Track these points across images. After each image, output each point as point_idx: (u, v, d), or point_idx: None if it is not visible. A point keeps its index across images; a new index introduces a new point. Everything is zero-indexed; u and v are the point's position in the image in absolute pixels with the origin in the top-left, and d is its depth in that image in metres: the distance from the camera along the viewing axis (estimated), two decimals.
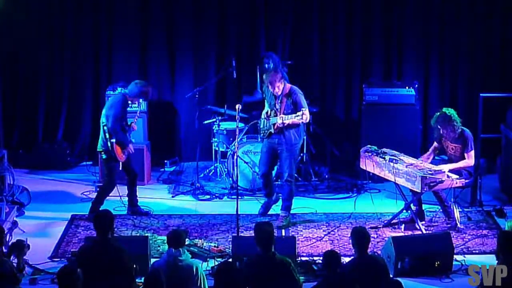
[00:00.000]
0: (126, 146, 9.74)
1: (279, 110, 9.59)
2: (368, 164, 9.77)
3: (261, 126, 9.85)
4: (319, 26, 12.18)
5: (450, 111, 9.47)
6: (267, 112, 9.77)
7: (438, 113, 9.54)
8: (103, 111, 9.80)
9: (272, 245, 7.19)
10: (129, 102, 9.84)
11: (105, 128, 9.64)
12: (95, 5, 12.16)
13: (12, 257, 7.70)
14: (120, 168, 9.81)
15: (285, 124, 9.52)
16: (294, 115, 9.45)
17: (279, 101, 9.63)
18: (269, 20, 12.19)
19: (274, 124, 9.59)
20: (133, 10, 12.16)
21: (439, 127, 9.49)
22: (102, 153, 9.74)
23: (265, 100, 9.92)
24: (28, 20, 12.08)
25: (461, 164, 9.47)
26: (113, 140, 9.58)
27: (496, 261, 7.06)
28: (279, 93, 9.58)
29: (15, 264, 7.56)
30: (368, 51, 12.20)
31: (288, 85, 9.70)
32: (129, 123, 9.92)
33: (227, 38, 12.25)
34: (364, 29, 12.14)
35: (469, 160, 9.46)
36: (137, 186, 10.11)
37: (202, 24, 12.18)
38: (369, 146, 9.90)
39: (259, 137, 10.58)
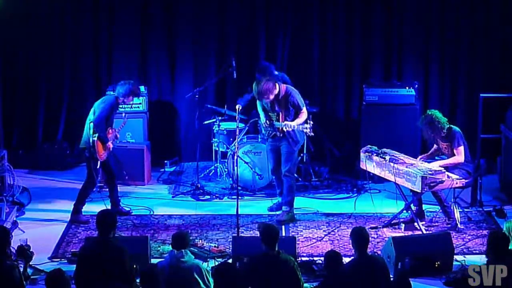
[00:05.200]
0: (106, 143, 9.68)
1: (281, 113, 9.60)
2: (368, 164, 9.77)
3: (264, 132, 9.88)
4: (319, 26, 12.17)
5: (434, 112, 9.52)
6: (269, 118, 9.75)
7: (423, 116, 9.60)
8: (92, 109, 9.78)
9: (277, 243, 7.22)
10: (121, 103, 9.83)
11: (91, 124, 9.63)
12: (95, 5, 12.16)
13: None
14: (98, 167, 9.76)
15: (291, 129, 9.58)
16: (299, 123, 9.49)
17: (277, 104, 9.64)
18: (269, 20, 12.19)
19: (279, 128, 9.61)
20: (133, 10, 12.15)
21: (424, 129, 9.54)
22: (86, 150, 9.73)
23: (259, 105, 9.89)
24: (28, 20, 12.08)
25: (451, 160, 9.50)
26: (95, 138, 9.55)
27: (486, 260, 7.10)
28: (275, 99, 9.58)
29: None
30: (368, 51, 12.20)
31: (284, 86, 9.70)
32: (116, 129, 9.90)
33: (227, 38, 12.25)
34: (364, 29, 12.14)
35: (459, 156, 9.46)
36: (134, 186, 10.05)
37: (202, 24, 12.18)
38: (369, 146, 9.91)
39: (260, 137, 10.59)
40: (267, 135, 9.86)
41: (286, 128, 9.52)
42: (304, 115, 9.63)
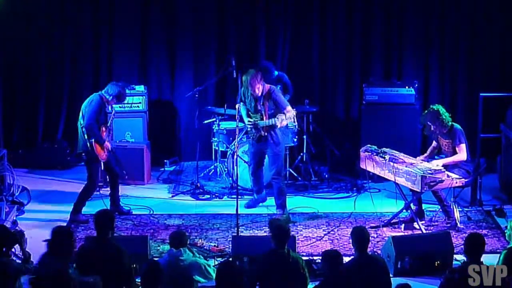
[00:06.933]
0: (103, 144, 9.66)
1: (263, 112, 9.60)
2: (368, 164, 9.77)
3: (249, 130, 9.87)
4: (319, 26, 12.18)
5: (439, 107, 9.53)
6: (251, 118, 9.73)
7: (427, 110, 9.61)
8: (80, 112, 9.75)
9: (287, 241, 7.24)
10: (106, 102, 9.77)
11: (83, 129, 9.62)
12: (95, 5, 12.17)
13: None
14: (102, 168, 9.78)
15: (279, 126, 9.58)
16: (284, 118, 9.46)
17: (261, 103, 9.64)
18: (269, 20, 12.19)
19: (263, 127, 9.60)
20: (133, 10, 12.17)
21: (428, 123, 9.54)
22: (83, 154, 9.71)
23: (243, 110, 9.80)
24: (28, 20, 12.09)
25: (454, 158, 9.49)
26: (92, 140, 9.55)
27: (464, 260, 7.15)
28: (259, 94, 9.58)
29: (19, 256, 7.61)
30: (368, 51, 12.21)
31: (267, 86, 9.69)
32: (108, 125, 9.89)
33: (227, 38, 12.26)
34: (364, 29, 12.15)
35: (461, 153, 9.45)
36: (134, 185, 10.05)
37: (202, 24, 12.19)
38: (369, 145, 9.91)
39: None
40: (252, 138, 9.86)
41: (272, 123, 9.51)
42: (290, 113, 9.58)
